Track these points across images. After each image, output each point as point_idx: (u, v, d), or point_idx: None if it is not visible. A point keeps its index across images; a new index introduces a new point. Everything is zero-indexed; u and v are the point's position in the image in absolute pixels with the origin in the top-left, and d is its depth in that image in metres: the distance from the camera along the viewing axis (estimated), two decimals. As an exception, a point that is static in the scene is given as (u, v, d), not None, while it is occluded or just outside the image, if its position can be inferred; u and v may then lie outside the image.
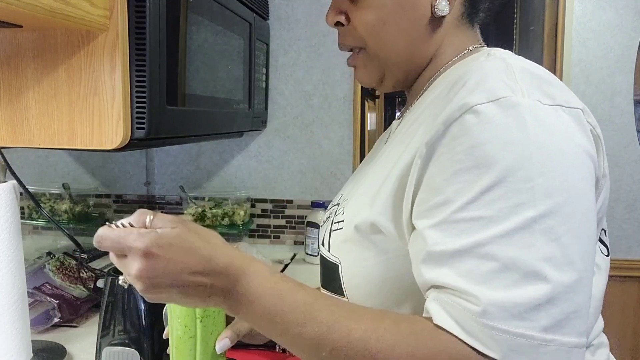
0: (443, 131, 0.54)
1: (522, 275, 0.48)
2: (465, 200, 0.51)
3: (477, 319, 0.48)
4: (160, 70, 0.87)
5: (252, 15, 1.43)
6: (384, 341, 0.50)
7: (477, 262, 0.49)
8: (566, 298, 0.48)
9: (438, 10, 0.65)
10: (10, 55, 0.82)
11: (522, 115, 0.52)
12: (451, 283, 0.50)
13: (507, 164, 0.50)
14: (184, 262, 0.52)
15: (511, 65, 0.58)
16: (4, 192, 0.82)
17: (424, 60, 0.70)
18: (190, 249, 0.52)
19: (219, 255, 0.53)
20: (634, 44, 1.76)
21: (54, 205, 1.59)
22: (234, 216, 1.67)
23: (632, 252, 1.82)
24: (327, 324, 0.52)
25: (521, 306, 0.47)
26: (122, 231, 0.53)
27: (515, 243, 0.49)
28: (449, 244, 0.51)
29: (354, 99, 1.74)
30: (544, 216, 0.49)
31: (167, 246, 0.51)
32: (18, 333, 0.85)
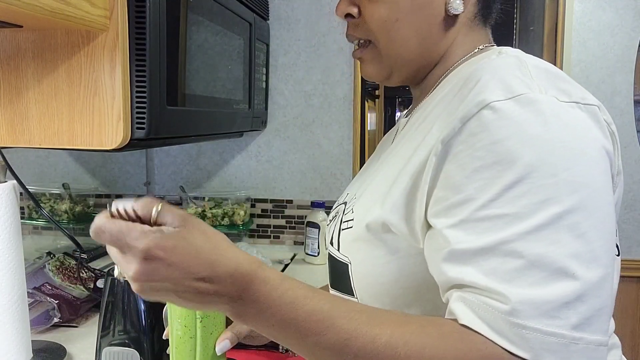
0: (460, 128, 0.53)
1: (550, 272, 0.47)
2: (488, 198, 0.50)
3: (507, 317, 0.47)
4: (160, 70, 0.87)
5: (252, 15, 1.43)
6: (413, 345, 0.48)
7: (503, 260, 0.48)
8: (594, 295, 0.47)
9: (452, 8, 0.65)
10: (10, 55, 0.82)
11: (541, 111, 0.51)
12: (476, 282, 0.49)
13: (530, 159, 0.50)
14: (188, 268, 0.47)
15: (525, 62, 0.58)
16: (4, 192, 0.82)
17: (434, 58, 0.69)
18: (196, 252, 0.48)
19: (225, 261, 0.49)
20: (633, 44, 1.76)
21: (54, 205, 1.59)
22: (234, 216, 1.67)
23: (631, 252, 1.82)
24: (347, 331, 0.49)
25: (551, 304, 0.46)
26: (124, 226, 0.47)
27: (541, 240, 0.48)
28: (472, 242, 0.50)
29: (354, 99, 1.74)
30: (569, 212, 0.48)
31: (171, 249, 0.47)
32: (18, 333, 0.85)
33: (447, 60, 0.69)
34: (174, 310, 0.68)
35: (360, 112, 1.75)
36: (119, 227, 0.47)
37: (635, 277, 1.82)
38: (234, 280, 0.49)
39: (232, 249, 0.50)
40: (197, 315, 0.67)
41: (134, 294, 0.86)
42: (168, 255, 0.47)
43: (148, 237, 0.46)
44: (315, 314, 0.50)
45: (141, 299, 0.85)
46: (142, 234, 0.47)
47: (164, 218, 0.49)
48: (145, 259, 0.46)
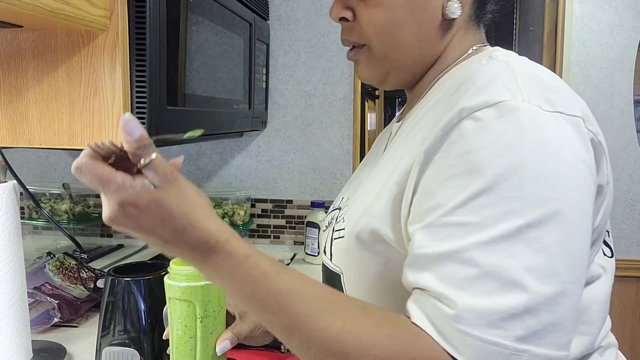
0: (441, 137, 0.54)
1: (502, 283, 0.47)
2: (454, 205, 0.50)
3: (451, 322, 0.47)
4: (161, 70, 0.87)
5: (252, 15, 1.43)
6: (361, 342, 0.49)
7: (458, 267, 0.49)
8: (546, 309, 0.47)
9: (450, 12, 0.64)
10: (10, 55, 0.82)
11: (520, 121, 0.51)
12: (431, 286, 0.50)
13: (499, 170, 0.49)
14: (155, 229, 0.50)
15: (513, 68, 0.57)
16: (4, 192, 0.82)
17: (430, 61, 0.68)
18: (166, 217, 0.50)
19: (193, 230, 0.50)
20: (633, 44, 1.76)
21: (54, 206, 1.59)
22: (234, 216, 1.67)
23: (631, 252, 1.82)
24: (301, 316, 0.50)
25: (497, 314, 0.46)
26: (105, 175, 0.49)
27: (498, 251, 0.48)
28: (432, 248, 0.51)
29: (354, 99, 1.74)
30: (531, 226, 0.48)
31: (144, 209, 0.49)
32: (18, 333, 0.85)
33: (441, 63, 0.68)
34: (175, 311, 0.68)
35: (360, 112, 1.75)
36: (100, 174, 0.49)
37: (635, 277, 1.82)
38: (198, 249, 0.51)
39: (204, 216, 0.51)
40: (197, 316, 0.67)
41: (135, 294, 0.87)
42: (139, 213, 0.49)
43: (123, 194, 0.49)
44: (274, 295, 0.51)
45: (142, 299, 0.85)
46: (118, 188, 0.49)
47: (148, 172, 0.50)
48: (119, 209, 0.49)
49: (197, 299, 0.67)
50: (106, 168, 0.49)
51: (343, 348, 0.49)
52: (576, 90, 1.93)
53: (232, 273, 0.51)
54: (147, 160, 0.50)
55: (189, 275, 0.67)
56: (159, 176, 0.50)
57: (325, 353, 0.50)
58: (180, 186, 0.51)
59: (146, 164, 0.50)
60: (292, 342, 0.52)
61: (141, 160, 0.50)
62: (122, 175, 0.49)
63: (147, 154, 0.50)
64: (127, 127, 0.50)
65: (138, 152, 0.50)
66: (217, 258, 0.51)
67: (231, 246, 0.51)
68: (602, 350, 0.64)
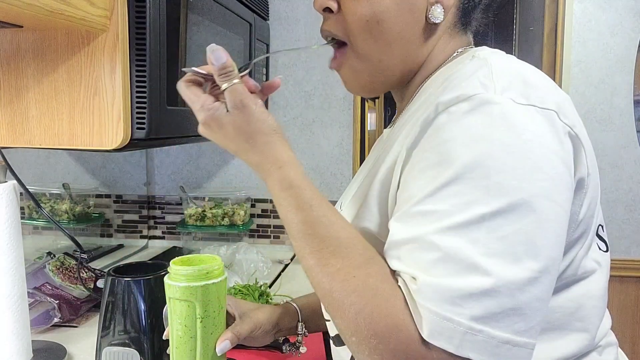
0: (419, 132, 0.56)
1: (462, 266, 0.48)
2: (424, 194, 0.52)
3: (413, 296, 0.50)
4: (161, 70, 0.87)
5: (252, 15, 1.43)
6: (346, 286, 0.53)
7: (422, 251, 0.51)
8: (507, 294, 0.48)
9: (433, 17, 0.64)
10: (10, 55, 0.82)
11: (490, 113, 0.52)
12: (399, 268, 0.53)
13: (467, 160, 0.51)
14: (226, 144, 0.63)
15: (490, 64, 0.57)
16: (4, 192, 0.82)
17: (415, 65, 0.68)
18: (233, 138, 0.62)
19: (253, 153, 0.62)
20: (633, 44, 1.76)
21: (54, 206, 1.59)
22: (234, 216, 1.67)
23: (631, 252, 1.82)
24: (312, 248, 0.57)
25: (454, 291, 0.48)
26: (192, 96, 0.63)
27: (460, 236, 0.49)
28: (401, 234, 0.54)
29: (354, 99, 1.74)
30: (495, 214, 0.49)
31: (217, 127, 0.62)
32: (18, 333, 0.85)
33: (425, 68, 0.68)
34: (175, 311, 0.68)
35: (360, 112, 1.75)
36: (188, 95, 0.63)
37: (635, 277, 1.82)
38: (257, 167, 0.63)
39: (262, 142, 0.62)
40: (197, 316, 0.67)
41: (134, 293, 0.87)
42: (214, 130, 0.63)
43: (203, 113, 0.62)
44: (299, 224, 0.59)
45: (142, 299, 0.85)
46: (200, 108, 0.62)
47: (226, 96, 0.61)
48: (202, 124, 0.64)
49: (197, 299, 0.67)
50: (193, 90, 0.63)
51: (331, 284, 0.55)
52: (576, 90, 1.93)
53: (278, 195, 0.61)
54: (226, 86, 0.61)
55: (189, 276, 0.67)
56: (231, 102, 0.61)
57: (317, 286, 0.57)
58: (247, 113, 0.61)
59: (225, 89, 0.61)
60: (302, 266, 0.59)
61: (223, 85, 0.61)
62: (205, 98, 0.62)
63: (229, 79, 0.61)
64: (213, 56, 0.61)
65: (221, 77, 0.61)
66: (270, 178, 0.61)
67: (282, 173, 0.61)
68: (601, 349, 0.64)
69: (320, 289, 0.56)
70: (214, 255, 0.72)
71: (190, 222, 1.68)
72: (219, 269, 0.69)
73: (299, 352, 0.92)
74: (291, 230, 0.60)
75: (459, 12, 0.67)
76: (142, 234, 1.85)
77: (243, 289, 1.19)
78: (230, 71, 0.60)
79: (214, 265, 0.68)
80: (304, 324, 0.88)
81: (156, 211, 1.85)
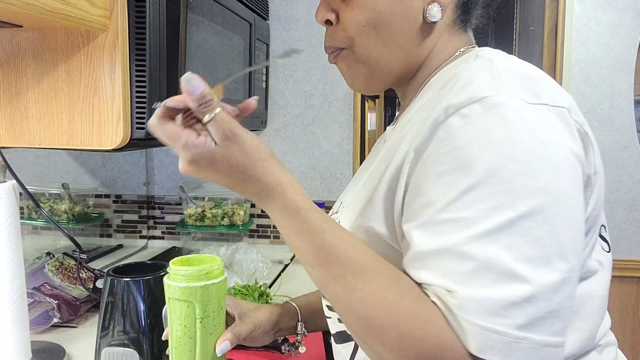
0: (429, 134, 0.55)
1: (500, 275, 0.48)
2: (447, 201, 0.51)
3: (455, 312, 0.49)
4: (160, 70, 0.87)
5: (252, 15, 1.43)
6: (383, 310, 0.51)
7: (455, 262, 0.50)
8: (545, 298, 0.48)
9: (430, 16, 0.65)
10: (10, 55, 0.82)
11: (504, 115, 0.52)
12: (432, 282, 0.51)
13: (488, 164, 0.50)
14: (220, 180, 0.57)
15: (496, 64, 0.57)
16: (4, 192, 0.82)
17: (415, 64, 0.69)
18: (227, 172, 0.56)
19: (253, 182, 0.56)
20: (634, 44, 1.76)
21: (54, 205, 1.59)
22: (234, 216, 1.67)
23: (631, 252, 1.82)
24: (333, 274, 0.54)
25: (496, 302, 0.47)
26: (172, 133, 0.55)
27: (492, 243, 0.49)
28: (428, 245, 0.52)
29: (354, 99, 1.74)
30: (522, 217, 0.49)
31: (208, 163, 0.55)
32: (17, 333, 0.85)
33: (428, 66, 0.69)
34: (174, 311, 0.68)
35: (360, 112, 1.75)
36: (167, 134, 0.55)
37: (635, 277, 1.82)
38: (258, 196, 0.58)
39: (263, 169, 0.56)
40: (196, 316, 0.67)
41: (134, 294, 0.87)
42: (204, 167, 0.56)
43: (189, 152, 0.55)
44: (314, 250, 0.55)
45: (141, 300, 0.85)
46: (185, 146, 0.55)
47: (210, 128, 0.55)
48: (188, 164, 0.56)
49: (197, 299, 0.67)
50: (173, 128, 0.55)
51: (365, 311, 0.52)
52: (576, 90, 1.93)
53: (284, 222, 0.57)
54: (210, 117, 0.54)
55: (188, 276, 0.67)
56: (219, 134, 0.55)
57: (349, 313, 0.54)
58: (240, 142, 0.55)
59: (209, 120, 0.54)
60: (326, 295, 0.57)
61: (205, 117, 0.55)
62: (187, 134, 0.55)
63: (210, 110, 0.54)
64: (189, 86, 0.54)
65: (202, 108, 0.54)
66: (274, 206, 0.57)
67: (285, 198, 0.56)
68: (600, 348, 0.64)
69: (352, 317, 0.54)
70: (213, 256, 0.72)
71: (189, 222, 1.67)
72: (218, 269, 0.69)
73: (298, 352, 0.92)
74: (307, 258, 0.56)
75: (457, 10, 0.67)
76: (141, 234, 1.84)
77: (243, 289, 1.19)
78: (210, 100, 0.54)
79: (213, 266, 0.68)
80: (304, 323, 0.88)
81: (156, 211, 1.85)
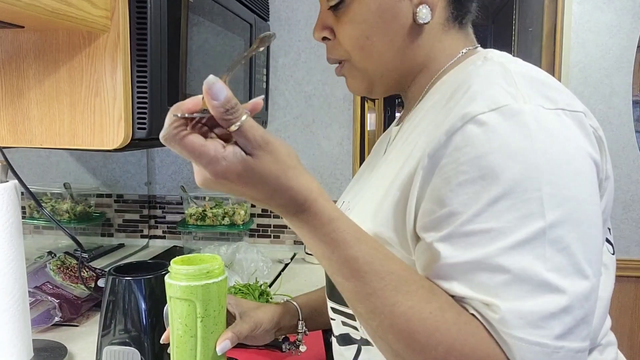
0: (445, 141, 0.54)
1: (535, 285, 0.48)
2: (473, 212, 0.51)
3: (497, 326, 0.49)
4: (162, 70, 0.88)
5: (253, 16, 1.43)
6: (427, 324, 0.50)
7: (489, 275, 0.50)
8: (578, 306, 0.49)
9: (420, 18, 0.65)
10: (11, 55, 0.83)
11: (525, 123, 0.52)
12: (467, 295, 0.51)
13: (514, 173, 0.50)
14: (246, 193, 0.51)
15: (509, 70, 0.57)
16: (5, 192, 0.82)
17: (414, 66, 0.69)
18: (258, 184, 0.50)
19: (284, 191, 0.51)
20: (632, 45, 1.76)
21: (55, 205, 1.59)
22: (235, 216, 1.68)
23: (630, 252, 1.82)
24: (373, 287, 0.52)
25: (536, 314, 0.48)
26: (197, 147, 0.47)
27: (525, 254, 0.49)
28: (459, 257, 0.51)
29: (354, 99, 1.74)
30: (553, 226, 0.49)
31: (236, 177, 0.49)
32: (19, 332, 0.86)
33: (431, 67, 0.69)
34: (175, 310, 0.68)
35: (360, 112, 1.76)
36: (190, 147, 0.47)
37: (633, 277, 1.82)
38: (286, 207, 0.52)
39: (294, 177, 0.51)
40: (197, 315, 0.67)
41: (135, 293, 0.87)
42: (232, 181, 0.49)
43: (217, 166, 0.48)
44: (350, 261, 0.52)
45: (142, 299, 0.86)
46: (211, 161, 0.48)
47: (239, 138, 0.48)
48: (212, 179, 0.49)
49: (198, 298, 0.67)
50: (196, 140, 0.48)
51: (408, 326, 0.50)
52: (575, 91, 1.93)
53: (315, 232, 0.53)
54: (237, 125, 0.48)
55: (190, 275, 0.67)
56: (251, 143, 0.48)
57: (389, 328, 0.51)
58: (272, 150, 0.50)
59: (237, 128, 0.48)
60: (357, 309, 0.54)
61: (231, 126, 0.48)
62: (214, 147, 0.48)
63: (236, 117, 0.48)
64: (212, 91, 0.47)
65: (226, 116, 0.47)
66: (303, 216, 0.52)
67: (317, 207, 0.52)
68: (601, 348, 0.65)
69: (394, 332, 0.51)
70: (214, 255, 0.72)
71: (190, 221, 1.68)
72: (219, 268, 0.69)
73: (298, 351, 0.92)
74: (340, 270, 0.53)
75: (449, 7, 0.67)
76: (142, 234, 1.85)
77: (243, 288, 1.19)
78: (236, 105, 0.48)
79: (214, 265, 0.69)
80: (304, 322, 0.88)
81: (157, 211, 1.85)
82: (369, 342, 0.67)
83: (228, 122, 0.48)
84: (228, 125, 0.48)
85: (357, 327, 0.68)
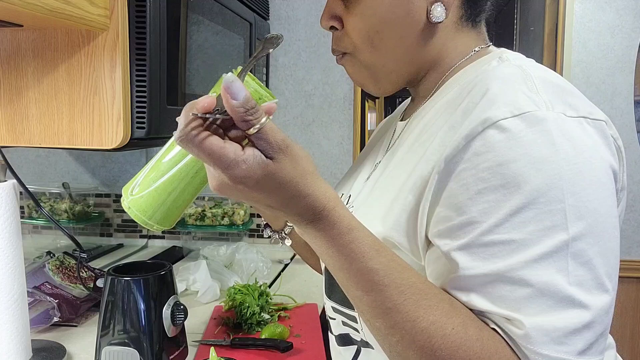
0: (464, 146, 0.52)
1: (557, 300, 0.48)
2: (494, 222, 0.49)
3: (521, 342, 0.48)
4: (161, 69, 0.87)
5: (253, 15, 1.43)
6: (449, 341, 0.49)
7: (510, 288, 0.48)
8: (600, 321, 0.48)
9: (434, 16, 0.63)
10: (10, 54, 0.82)
11: (549, 131, 0.50)
12: (486, 309, 0.50)
13: (537, 183, 0.49)
14: (263, 200, 0.48)
15: (530, 74, 0.56)
16: (4, 192, 0.82)
17: (424, 63, 0.67)
18: (276, 190, 0.47)
19: (302, 198, 0.48)
20: (634, 44, 1.76)
21: (54, 205, 1.59)
22: (234, 216, 1.67)
23: (631, 252, 1.82)
24: (393, 302, 0.49)
25: (560, 331, 0.47)
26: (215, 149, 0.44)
27: (548, 267, 0.48)
28: (479, 269, 0.50)
29: (354, 99, 1.74)
30: (576, 239, 0.48)
31: (254, 183, 0.46)
32: (17, 332, 0.85)
33: (441, 65, 0.67)
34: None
35: (360, 112, 1.75)
36: (209, 150, 0.44)
37: (635, 278, 1.82)
38: (303, 215, 0.49)
39: (313, 183, 0.48)
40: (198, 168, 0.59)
41: (134, 293, 0.87)
42: (250, 186, 0.46)
43: (236, 170, 0.45)
44: (369, 274, 0.49)
45: (141, 299, 0.85)
46: (230, 164, 0.45)
47: (259, 141, 0.45)
48: (228, 184, 0.46)
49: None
50: (215, 143, 0.44)
51: (430, 342, 0.49)
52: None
53: (332, 242, 0.50)
54: (256, 128, 0.45)
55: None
56: (271, 146, 0.46)
57: (411, 344, 0.49)
58: (293, 154, 0.47)
59: (257, 131, 0.45)
60: (375, 324, 0.51)
61: (251, 129, 0.45)
62: (234, 150, 0.45)
63: (257, 119, 0.45)
64: (232, 90, 0.44)
65: (247, 117, 0.44)
66: (320, 225, 0.49)
67: (336, 215, 0.49)
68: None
69: (415, 348, 0.49)
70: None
71: (190, 221, 1.68)
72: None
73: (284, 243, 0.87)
74: (358, 282, 0.50)
75: (463, 6, 0.65)
76: (141, 234, 1.85)
77: (243, 288, 1.19)
78: (256, 105, 0.45)
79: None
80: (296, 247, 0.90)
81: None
82: (369, 344, 0.66)
83: (248, 123, 0.45)
84: (248, 127, 0.45)
85: (358, 328, 0.67)
